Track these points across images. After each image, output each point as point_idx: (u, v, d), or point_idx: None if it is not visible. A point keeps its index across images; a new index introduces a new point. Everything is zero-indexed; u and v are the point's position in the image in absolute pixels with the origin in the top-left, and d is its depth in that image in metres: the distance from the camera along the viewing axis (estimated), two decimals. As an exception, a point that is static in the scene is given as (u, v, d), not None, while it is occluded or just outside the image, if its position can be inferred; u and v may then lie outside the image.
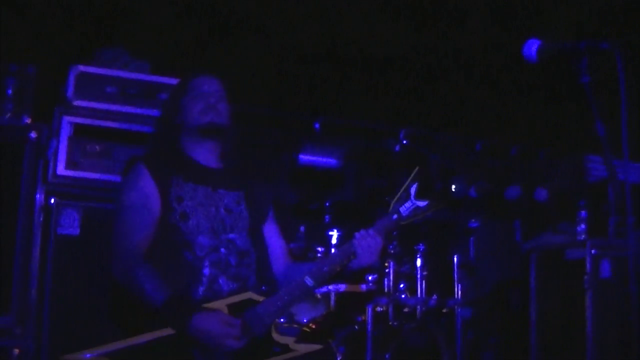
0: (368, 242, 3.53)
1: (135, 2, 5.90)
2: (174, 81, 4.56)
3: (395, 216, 3.54)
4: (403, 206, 3.53)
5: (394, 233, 5.79)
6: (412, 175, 3.54)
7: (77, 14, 5.65)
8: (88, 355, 3.31)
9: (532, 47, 3.21)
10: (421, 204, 3.50)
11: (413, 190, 3.51)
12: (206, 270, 3.57)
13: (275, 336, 3.51)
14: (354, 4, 6.45)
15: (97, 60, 5.20)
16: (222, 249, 3.63)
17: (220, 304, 3.44)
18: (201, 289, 3.55)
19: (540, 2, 6.44)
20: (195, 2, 6.09)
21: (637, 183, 5.97)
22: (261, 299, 3.50)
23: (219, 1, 6.12)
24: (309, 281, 3.54)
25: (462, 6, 6.59)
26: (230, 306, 3.44)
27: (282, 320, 5.14)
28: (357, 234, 3.56)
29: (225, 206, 3.74)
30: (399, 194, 3.52)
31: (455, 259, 6.12)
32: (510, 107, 7.10)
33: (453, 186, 6.82)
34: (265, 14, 6.22)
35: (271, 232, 3.92)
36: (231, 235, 3.68)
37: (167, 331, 3.36)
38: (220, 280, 3.58)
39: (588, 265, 5.61)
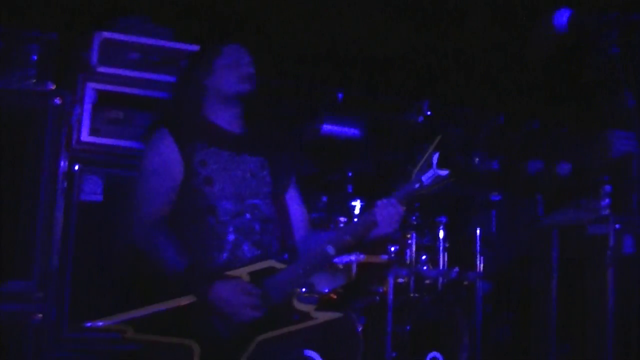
0: (389, 210, 3.51)
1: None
2: (196, 48, 4.54)
3: (417, 185, 3.51)
4: (425, 175, 3.48)
5: (416, 204, 5.79)
6: (434, 143, 3.51)
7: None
8: (109, 322, 3.31)
9: (563, 16, 3.16)
10: (442, 172, 3.47)
11: (435, 159, 3.48)
12: (230, 236, 3.56)
13: (296, 304, 3.51)
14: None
15: (120, 28, 5.18)
16: (247, 215, 3.61)
17: (242, 272, 3.44)
18: (224, 255, 3.54)
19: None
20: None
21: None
22: (282, 266, 3.50)
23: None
24: (330, 249, 3.53)
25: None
26: (251, 274, 3.44)
27: (302, 290, 5.14)
28: (378, 202, 3.54)
29: (250, 170, 3.71)
30: (420, 162, 3.48)
31: (476, 232, 6.12)
32: (533, 81, 7.06)
33: (476, 159, 6.79)
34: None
35: (293, 199, 3.90)
36: (256, 201, 3.66)
37: (187, 299, 3.36)
38: (244, 247, 3.57)
39: (611, 240, 5.58)
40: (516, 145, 7.05)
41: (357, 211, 5.69)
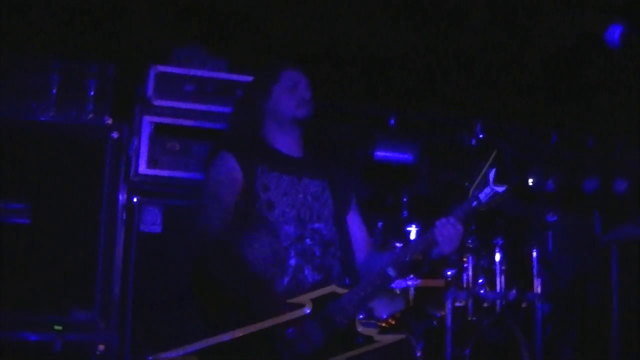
0: (448, 229, 3.52)
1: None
2: (250, 79, 4.60)
3: (475, 203, 3.52)
4: (482, 192, 3.50)
5: (472, 226, 5.77)
6: (490, 160, 3.51)
7: (156, 12, 5.73)
8: (174, 354, 3.33)
9: (615, 33, 3.17)
10: (499, 189, 3.48)
11: (491, 175, 3.49)
12: (292, 261, 3.58)
13: (359, 328, 3.52)
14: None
15: (174, 59, 5.27)
16: (307, 240, 3.63)
17: (304, 299, 3.45)
18: (286, 280, 3.55)
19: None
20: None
21: None
22: (344, 291, 3.50)
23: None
24: (391, 271, 3.54)
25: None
26: (314, 300, 3.45)
27: (361, 316, 5.15)
28: (437, 222, 3.55)
29: (312, 194, 3.73)
30: (477, 180, 3.49)
31: (534, 253, 6.07)
32: (585, 98, 7.02)
33: (530, 180, 6.76)
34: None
35: (354, 221, 3.92)
36: (317, 225, 3.68)
37: (252, 327, 3.37)
38: (306, 271, 3.59)
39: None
40: (572, 164, 7.00)
41: (412, 236, 5.68)
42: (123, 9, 5.69)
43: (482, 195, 3.50)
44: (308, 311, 3.40)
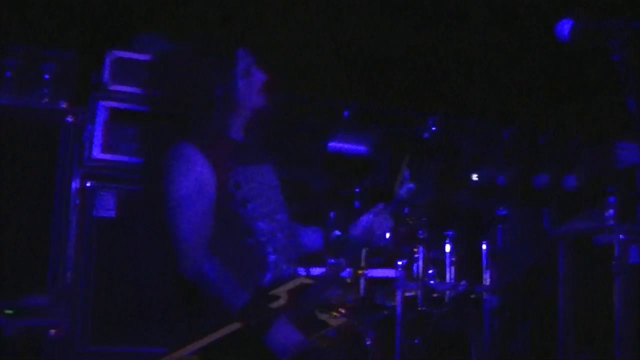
0: (378, 221, 3.75)
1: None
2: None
3: (397, 198, 3.83)
4: (401, 189, 3.83)
5: (424, 218, 5.85)
6: (405, 161, 3.84)
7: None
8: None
9: (565, 27, 3.23)
10: (411, 185, 3.82)
11: (406, 175, 3.82)
12: (271, 257, 3.53)
13: (318, 314, 3.56)
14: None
15: (132, 46, 5.27)
16: (279, 233, 3.59)
17: (282, 291, 3.47)
18: (268, 275, 3.52)
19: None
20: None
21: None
22: (312, 282, 3.53)
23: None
24: (341, 261, 3.64)
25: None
26: (289, 292, 3.48)
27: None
28: (370, 216, 3.76)
29: (269, 183, 3.65)
30: (398, 178, 3.81)
31: (483, 245, 6.17)
32: (537, 94, 7.13)
33: (475, 175, 6.86)
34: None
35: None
36: (280, 216, 3.63)
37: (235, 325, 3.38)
38: (283, 266, 3.57)
39: (616, 250, 5.63)
40: (523, 159, 7.11)
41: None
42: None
43: (401, 191, 3.82)
44: (284, 303, 3.45)
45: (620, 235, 5.63)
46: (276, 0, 6.25)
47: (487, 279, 6.17)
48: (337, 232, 3.77)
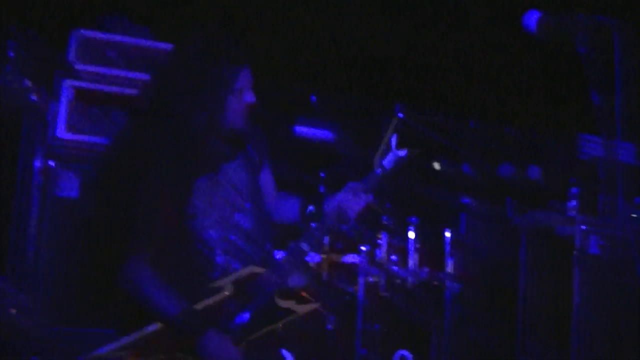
0: (352, 199, 3.57)
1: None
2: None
3: (379, 170, 3.52)
4: (385, 159, 3.50)
5: (388, 205, 5.87)
6: (391, 126, 3.52)
7: None
8: (106, 349, 3.31)
9: (532, 18, 3.24)
10: (402, 153, 3.48)
11: (393, 141, 3.49)
12: (219, 259, 3.52)
13: (278, 301, 3.55)
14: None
15: (98, 26, 5.22)
16: (231, 236, 3.57)
17: (226, 282, 3.46)
18: (216, 274, 3.52)
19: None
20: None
21: (628, 162, 6.07)
22: (262, 270, 3.52)
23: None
24: (304, 246, 3.59)
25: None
26: (235, 283, 3.47)
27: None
28: (343, 194, 3.59)
29: (231, 183, 3.62)
30: (380, 148, 3.49)
31: (447, 233, 6.21)
32: (503, 86, 7.17)
33: (436, 163, 6.88)
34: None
35: (265, 179, 3.87)
36: (237, 216, 3.60)
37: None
38: (234, 265, 3.56)
39: (577, 241, 5.68)
40: (487, 149, 7.15)
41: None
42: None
43: (385, 162, 3.50)
44: (229, 293, 3.44)
45: (582, 227, 5.68)
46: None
47: (449, 267, 6.21)
48: (312, 208, 3.70)
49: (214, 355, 3.38)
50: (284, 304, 3.55)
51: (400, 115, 6.31)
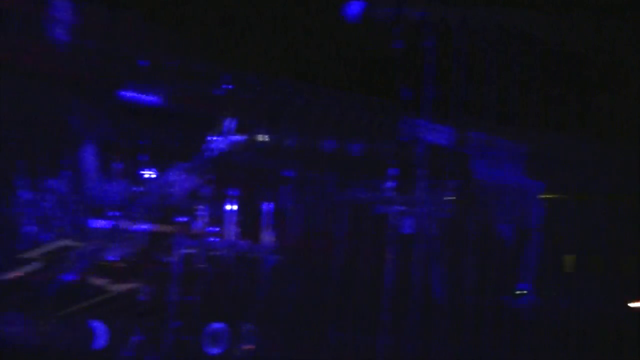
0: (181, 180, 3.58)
1: None
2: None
3: (208, 153, 3.55)
4: (217, 142, 3.55)
5: (209, 176, 5.85)
6: (227, 111, 3.54)
7: None
8: None
9: (354, 8, 3.29)
10: (237, 138, 3.53)
11: (227, 125, 3.54)
12: (28, 228, 3.45)
13: (90, 279, 3.51)
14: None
15: None
16: (43, 204, 3.49)
17: (37, 253, 3.39)
18: (24, 245, 3.43)
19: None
20: None
21: (441, 144, 6.28)
22: (78, 244, 3.47)
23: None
24: (121, 222, 3.57)
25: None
26: (45, 255, 3.40)
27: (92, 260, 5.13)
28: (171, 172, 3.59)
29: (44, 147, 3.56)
30: (215, 130, 3.53)
31: (267, 206, 6.24)
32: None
33: (261, 135, 6.87)
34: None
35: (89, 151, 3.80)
36: (50, 183, 3.53)
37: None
38: (44, 237, 3.48)
39: (392, 220, 5.83)
40: (313, 123, 7.19)
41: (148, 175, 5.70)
42: None
43: (215, 145, 3.53)
44: (40, 267, 3.37)
45: (397, 206, 5.84)
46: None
47: (268, 239, 6.25)
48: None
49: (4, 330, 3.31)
50: (96, 281, 3.52)
51: (229, 86, 6.27)
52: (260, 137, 6.69)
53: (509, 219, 6.80)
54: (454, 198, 6.26)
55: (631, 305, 7.05)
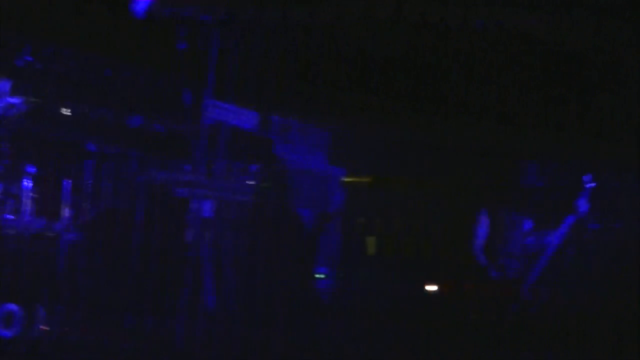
0: None
1: None
2: None
3: None
4: None
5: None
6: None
7: None
8: None
9: (141, 4, 3.24)
10: (13, 100, 3.43)
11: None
12: None
13: None
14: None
15: None
16: None
17: None
18: None
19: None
20: None
21: (244, 128, 6.31)
22: None
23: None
24: None
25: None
26: None
27: None
28: None
29: None
30: None
31: (66, 182, 6.09)
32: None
33: (66, 109, 6.67)
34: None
35: None
36: None
37: None
38: None
39: (193, 203, 5.82)
40: (120, 97, 7.03)
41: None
42: None
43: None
44: None
45: (197, 190, 5.83)
46: None
47: (67, 217, 6.11)
48: None
49: None
50: None
51: (29, 58, 6.05)
52: (60, 110, 6.49)
53: (311, 203, 6.90)
54: (257, 182, 6.29)
55: (428, 287, 7.30)
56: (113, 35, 6.89)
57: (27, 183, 5.86)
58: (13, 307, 5.61)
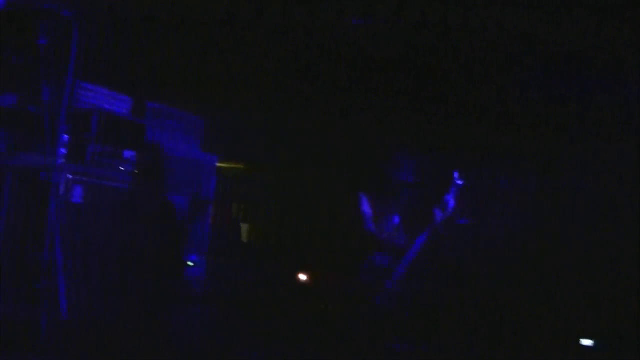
0: None
1: None
2: None
3: None
4: None
5: None
6: None
7: None
8: None
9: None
10: None
11: None
12: None
13: None
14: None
15: None
16: None
17: None
18: None
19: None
20: None
21: (122, 114, 6.26)
22: None
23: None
24: None
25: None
26: None
27: None
28: None
29: None
30: None
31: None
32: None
33: None
34: None
35: None
36: None
37: None
38: None
39: (61, 188, 5.73)
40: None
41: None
42: None
43: None
44: None
45: (67, 175, 5.74)
46: None
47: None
48: None
49: None
50: None
51: None
52: None
53: (184, 190, 6.89)
54: (129, 168, 6.24)
55: (299, 275, 7.40)
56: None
57: None
58: None
